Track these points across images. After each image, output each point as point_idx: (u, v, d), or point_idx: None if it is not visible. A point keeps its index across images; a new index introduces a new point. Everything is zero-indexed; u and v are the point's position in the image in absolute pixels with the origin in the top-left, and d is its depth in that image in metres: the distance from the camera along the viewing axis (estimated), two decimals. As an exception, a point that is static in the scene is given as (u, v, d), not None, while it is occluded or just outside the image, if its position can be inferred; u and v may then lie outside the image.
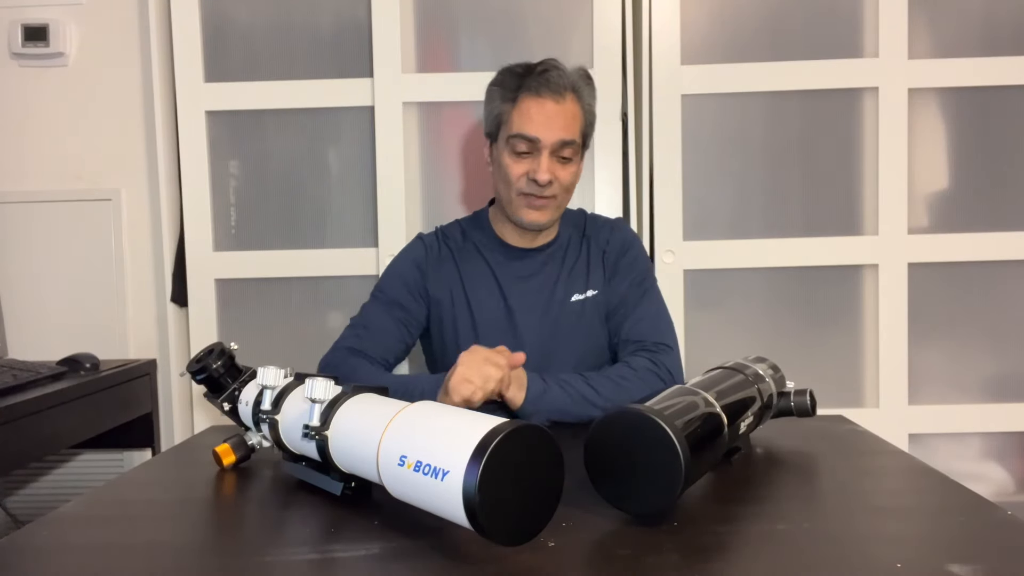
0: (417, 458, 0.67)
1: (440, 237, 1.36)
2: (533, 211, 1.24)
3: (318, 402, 0.80)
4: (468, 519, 0.62)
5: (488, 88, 1.28)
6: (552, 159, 1.21)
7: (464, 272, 1.30)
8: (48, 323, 1.94)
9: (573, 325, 1.28)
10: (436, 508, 0.65)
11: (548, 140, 1.19)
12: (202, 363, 0.97)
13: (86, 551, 0.71)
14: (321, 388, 0.80)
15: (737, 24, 1.82)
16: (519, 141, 1.20)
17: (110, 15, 1.91)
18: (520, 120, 1.20)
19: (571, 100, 1.22)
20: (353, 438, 0.76)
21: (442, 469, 0.64)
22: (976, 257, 1.81)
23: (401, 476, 0.68)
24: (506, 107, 1.23)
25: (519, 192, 1.23)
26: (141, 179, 1.93)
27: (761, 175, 1.85)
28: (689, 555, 0.66)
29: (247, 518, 0.79)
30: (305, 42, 1.86)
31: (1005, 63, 1.79)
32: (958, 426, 1.83)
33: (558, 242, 1.33)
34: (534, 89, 1.20)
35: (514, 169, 1.22)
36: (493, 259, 1.31)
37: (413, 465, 0.67)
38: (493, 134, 1.27)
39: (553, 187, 1.22)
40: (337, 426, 0.79)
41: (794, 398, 1.03)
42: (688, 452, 0.71)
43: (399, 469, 0.68)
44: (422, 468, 0.66)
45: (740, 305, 1.86)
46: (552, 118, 1.20)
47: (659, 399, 0.79)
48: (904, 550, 0.67)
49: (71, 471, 1.96)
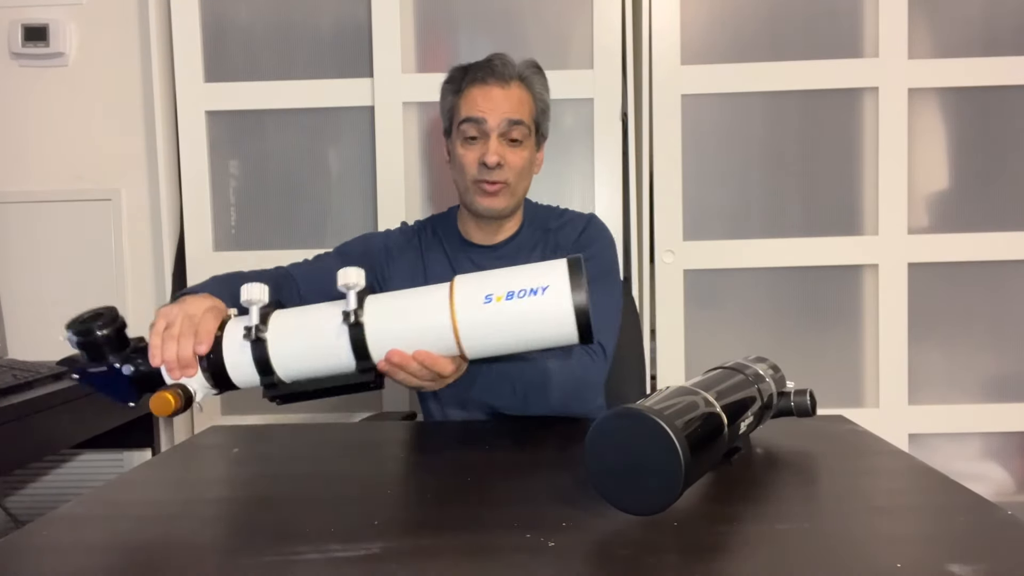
0: (508, 289, 0.65)
1: (418, 229, 1.39)
2: (487, 198, 1.24)
3: (353, 288, 0.79)
4: (577, 323, 0.61)
5: (441, 88, 1.31)
6: (501, 142, 1.22)
7: (427, 262, 1.34)
8: (48, 323, 1.94)
9: None
10: (537, 333, 0.63)
11: (494, 121, 1.21)
12: (85, 325, 0.87)
13: (86, 551, 0.71)
14: (355, 275, 0.78)
15: (737, 24, 1.82)
16: (468, 126, 1.23)
17: (110, 15, 1.91)
18: (467, 106, 1.23)
19: (517, 86, 1.25)
20: (409, 313, 0.74)
21: (540, 287, 0.62)
22: (976, 257, 1.81)
23: (490, 316, 0.66)
24: (455, 99, 1.26)
25: (473, 180, 1.24)
26: (141, 179, 1.93)
27: (761, 175, 1.85)
28: (689, 555, 0.66)
29: (247, 518, 0.79)
30: (305, 42, 1.86)
31: (1005, 63, 1.79)
32: (958, 426, 1.83)
33: (517, 238, 1.33)
34: (480, 78, 1.24)
35: (467, 157, 1.24)
36: (451, 251, 1.33)
37: (504, 296, 0.65)
38: (448, 130, 1.30)
39: (504, 171, 1.22)
40: (374, 311, 0.77)
41: (794, 398, 1.03)
42: (688, 452, 0.71)
43: (486, 308, 0.66)
44: (515, 295, 0.64)
45: (740, 305, 1.86)
46: (497, 101, 1.22)
47: (659, 399, 0.79)
48: (904, 550, 0.67)
49: (71, 471, 1.96)
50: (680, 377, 1.83)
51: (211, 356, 0.85)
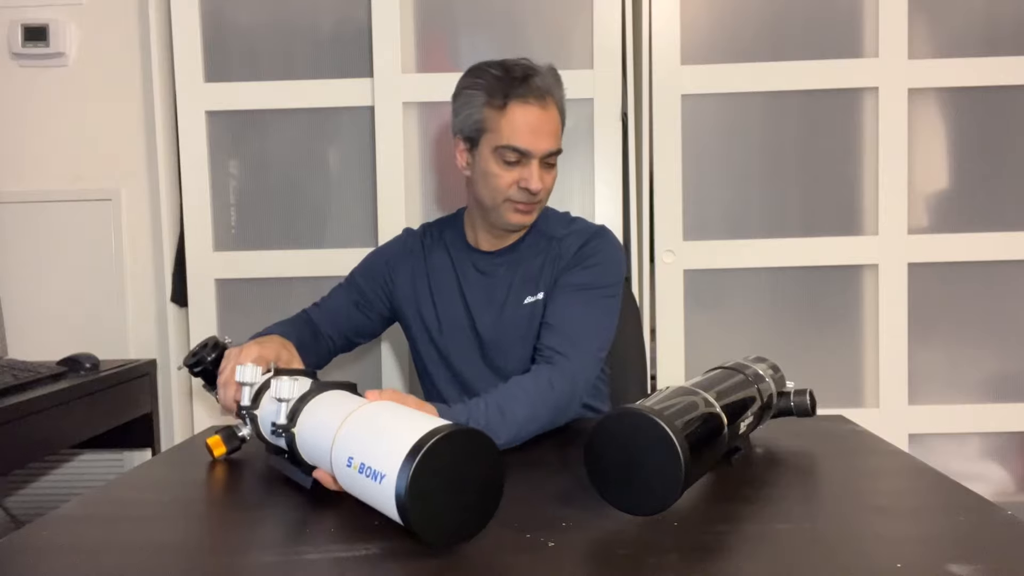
0: (361, 460, 0.69)
1: (421, 233, 1.40)
2: (520, 215, 1.24)
3: (284, 401, 0.83)
4: (402, 520, 0.64)
5: (463, 90, 1.26)
6: (540, 165, 1.22)
7: (430, 267, 1.34)
8: (48, 323, 1.94)
9: (524, 327, 1.28)
10: (381, 508, 0.68)
11: (539, 152, 1.21)
12: (197, 356, 1.02)
13: (86, 551, 0.71)
14: (287, 388, 0.83)
15: (737, 24, 1.82)
16: (509, 152, 1.20)
17: (110, 15, 1.91)
18: (511, 131, 1.19)
19: (551, 104, 1.23)
20: (315, 436, 0.79)
21: (380, 472, 0.66)
22: (976, 257, 1.81)
23: (350, 476, 0.71)
24: (491, 114, 1.21)
25: (507, 199, 1.23)
26: (141, 179, 1.93)
27: (761, 175, 1.85)
28: (689, 555, 0.66)
29: (247, 518, 0.79)
30: (305, 42, 1.86)
31: (1005, 63, 1.79)
32: (958, 426, 1.83)
33: (521, 245, 1.32)
34: (521, 97, 1.20)
35: (504, 178, 1.21)
36: (456, 256, 1.34)
37: (358, 467, 0.69)
38: (473, 139, 1.24)
39: (540, 192, 1.23)
40: (303, 424, 0.82)
41: (794, 398, 1.03)
42: (688, 452, 0.71)
43: (348, 469, 0.71)
44: (365, 470, 0.68)
45: (740, 305, 1.86)
46: (540, 128, 1.21)
47: (659, 399, 0.79)
48: (904, 550, 0.67)
49: (71, 471, 1.96)
50: (680, 377, 1.83)
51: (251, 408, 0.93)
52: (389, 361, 1.86)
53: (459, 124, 1.26)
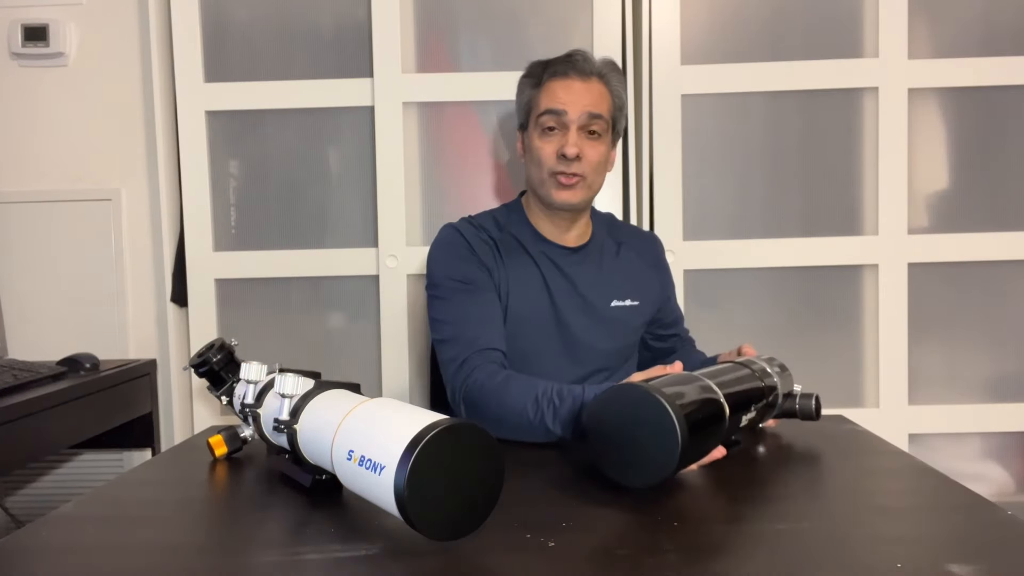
0: (361, 453, 0.69)
1: (476, 225, 1.31)
2: (563, 191, 1.23)
3: (288, 397, 0.84)
4: (399, 512, 0.64)
5: (519, 83, 1.32)
6: (580, 134, 1.22)
7: (508, 263, 1.27)
8: (48, 323, 1.94)
9: (610, 328, 1.31)
10: (379, 502, 0.68)
11: (575, 112, 1.21)
12: (203, 357, 1.03)
13: (86, 551, 0.71)
14: (291, 384, 0.84)
15: (737, 24, 1.82)
16: (547, 117, 1.23)
17: (110, 15, 1.91)
18: (547, 98, 1.24)
19: (597, 81, 1.25)
20: (317, 433, 0.80)
21: (380, 464, 0.66)
22: (976, 257, 1.81)
23: (350, 470, 0.71)
24: (534, 92, 1.27)
25: (550, 172, 1.23)
26: (141, 179, 1.93)
27: (761, 175, 1.85)
28: (689, 555, 0.66)
29: (247, 518, 0.79)
30: (305, 42, 1.86)
31: (1005, 63, 1.79)
32: (958, 426, 1.83)
33: (593, 243, 1.34)
34: (560, 72, 1.24)
35: (545, 149, 1.23)
36: (536, 254, 1.29)
37: (358, 460, 0.70)
38: (524, 123, 1.30)
39: (581, 164, 1.22)
40: (305, 420, 0.83)
41: (800, 401, 1.04)
42: (685, 424, 0.73)
43: (348, 463, 0.71)
44: (365, 462, 0.68)
45: (740, 305, 1.85)
46: (579, 93, 1.22)
47: (661, 381, 0.81)
48: (904, 550, 0.67)
49: (71, 471, 1.96)
50: (680, 377, 1.83)
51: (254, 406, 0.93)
52: (389, 361, 1.86)
53: (518, 114, 1.33)
